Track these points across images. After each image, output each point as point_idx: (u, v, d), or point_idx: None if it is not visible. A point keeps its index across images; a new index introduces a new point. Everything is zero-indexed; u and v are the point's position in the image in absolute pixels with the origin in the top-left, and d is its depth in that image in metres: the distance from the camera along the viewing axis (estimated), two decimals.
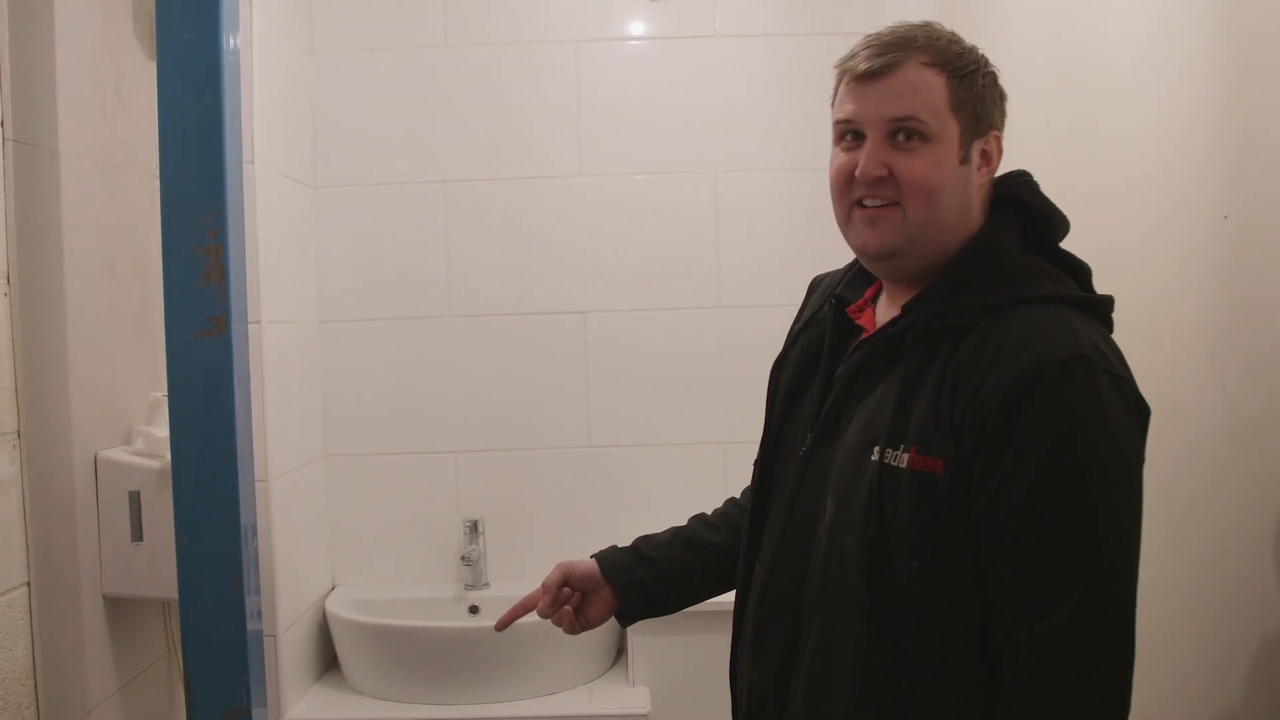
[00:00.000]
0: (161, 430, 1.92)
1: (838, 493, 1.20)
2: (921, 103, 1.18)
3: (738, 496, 1.56)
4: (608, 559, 1.53)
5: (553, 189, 2.88)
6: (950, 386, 1.13)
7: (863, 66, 1.19)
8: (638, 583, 1.50)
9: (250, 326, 1.75)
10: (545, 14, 2.88)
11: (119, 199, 2.04)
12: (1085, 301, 1.19)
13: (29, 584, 1.70)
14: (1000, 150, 1.26)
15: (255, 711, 1.66)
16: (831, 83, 1.27)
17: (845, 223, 1.25)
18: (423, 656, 2.57)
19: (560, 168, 2.88)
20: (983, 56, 1.25)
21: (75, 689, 1.83)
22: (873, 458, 1.16)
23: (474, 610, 2.80)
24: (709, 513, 1.57)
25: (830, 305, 1.34)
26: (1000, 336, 1.12)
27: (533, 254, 2.88)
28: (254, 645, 1.68)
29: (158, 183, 1.66)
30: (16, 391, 1.68)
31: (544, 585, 1.52)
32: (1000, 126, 1.26)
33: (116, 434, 2.01)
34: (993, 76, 1.25)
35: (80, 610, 1.86)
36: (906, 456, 1.13)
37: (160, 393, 1.99)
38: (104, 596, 1.93)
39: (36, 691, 1.70)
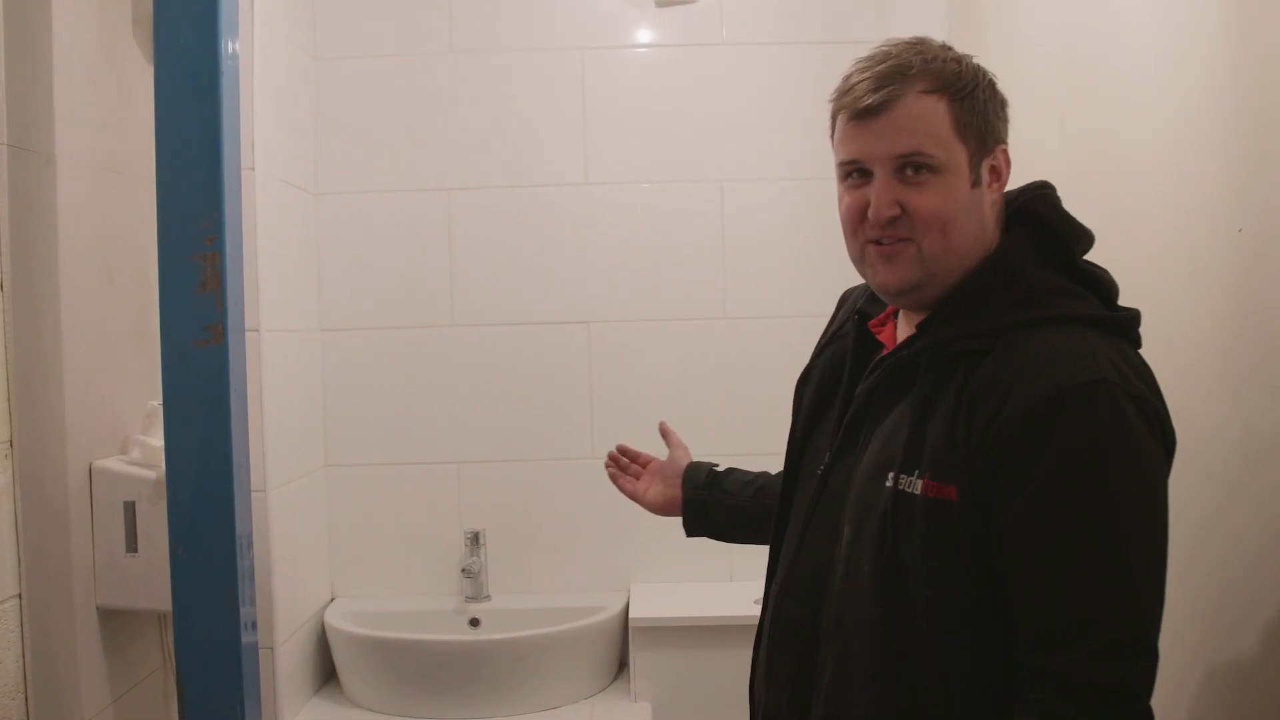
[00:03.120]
0: (157, 440, 1.90)
1: (854, 519, 1.18)
2: (926, 135, 1.13)
3: None
4: (694, 468, 1.65)
5: (558, 197, 2.86)
6: (966, 411, 1.09)
7: (863, 103, 1.15)
8: (700, 502, 1.62)
9: (249, 335, 1.73)
10: (551, 21, 2.87)
11: (117, 205, 2.02)
12: (1107, 320, 1.15)
13: (21, 595, 1.68)
14: (1008, 162, 1.21)
15: None
16: (828, 115, 1.23)
17: (860, 260, 1.22)
18: (422, 670, 2.54)
19: (565, 176, 2.86)
20: (979, 67, 1.19)
21: (68, 702, 1.81)
22: (887, 484, 1.13)
23: (474, 623, 2.77)
24: None
25: (853, 321, 1.32)
26: (1018, 360, 1.08)
27: (537, 263, 2.86)
28: (249, 658, 1.66)
29: None
30: (10, 399, 1.67)
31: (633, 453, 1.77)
32: (1005, 137, 1.21)
33: (112, 443, 1.99)
34: (992, 86, 1.20)
35: (73, 622, 1.84)
36: (920, 483, 1.10)
37: (157, 401, 1.97)
38: (98, 608, 1.91)
39: (28, 705, 1.68)
